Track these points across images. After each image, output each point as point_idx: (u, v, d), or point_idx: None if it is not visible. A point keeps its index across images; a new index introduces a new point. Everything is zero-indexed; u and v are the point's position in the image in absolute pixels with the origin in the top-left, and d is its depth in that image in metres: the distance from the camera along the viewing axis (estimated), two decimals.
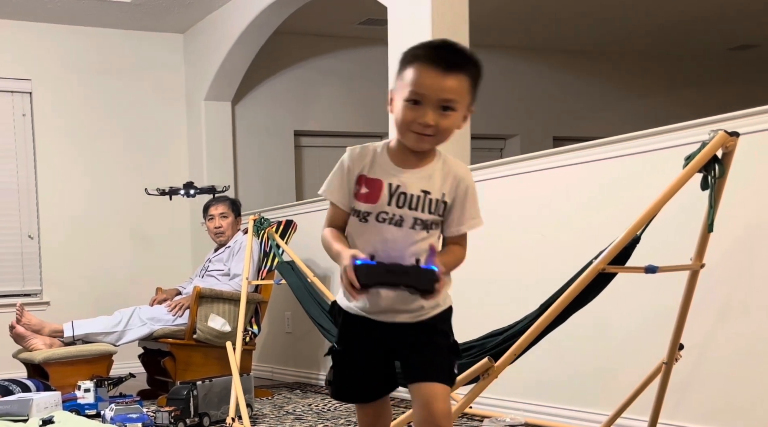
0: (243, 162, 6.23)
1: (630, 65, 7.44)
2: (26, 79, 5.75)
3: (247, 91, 6.24)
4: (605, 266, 2.24)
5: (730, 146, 2.17)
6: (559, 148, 3.35)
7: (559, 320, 2.30)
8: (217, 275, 4.65)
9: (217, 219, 4.77)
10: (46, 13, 5.58)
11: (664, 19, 6.45)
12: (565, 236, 3.30)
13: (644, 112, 7.40)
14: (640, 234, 2.20)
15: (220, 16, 5.72)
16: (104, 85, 5.96)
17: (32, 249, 5.79)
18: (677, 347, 2.48)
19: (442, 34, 3.93)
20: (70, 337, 4.35)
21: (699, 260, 2.33)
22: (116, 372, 4.40)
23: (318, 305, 3.52)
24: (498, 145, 7.22)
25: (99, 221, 5.90)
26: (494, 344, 2.41)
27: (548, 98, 7.22)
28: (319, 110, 6.53)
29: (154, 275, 5.69)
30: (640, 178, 2.99)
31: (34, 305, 5.60)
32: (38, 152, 5.78)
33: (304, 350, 5.08)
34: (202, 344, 4.35)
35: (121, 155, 6.00)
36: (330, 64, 6.55)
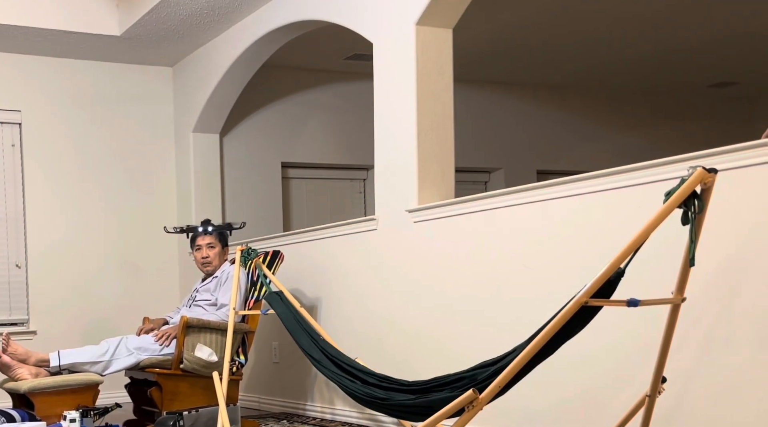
0: (231, 193, 6.27)
1: (612, 101, 7.57)
2: (16, 111, 5.80)
3: (235, 123, 6.30)
4: (588, 299, 2.27)
5: (709, 182, 2.22)
6: (543, 182, 3.41)
7: (546, 352, 2.33)
8: (205, 305, 4.67)
9: (204, 249, 4.79)
10: (36, 45, 5.63)
11: (645, 56, 6.58)
12: (549, 268, 3.36)
13: (626, 146, 7.53)
14: (624, 267, 2.25)
15: (208, 50, 5.79)
16: (93, 116, 6.00)
17: (19, 278, 5.79)
18: (660, 379, 2.52)
19: (426, 69, 4.03)
20: (57, 366, 4.32)
21: (680, 294, 2.38)
22: (102, 402, 4.39)
23: (308, 335, 3.54)
24: (482, 178, 7.30)
25: (86, 250, 5.91)
26: (486, 375, 2.42)
27: (532, 132, 7.32)
28: (306, 143, 6.60)
29: (141, 304, 5.72)
30: (622, 212, 3.06)
31: (21, 334, 5.59)
32: (27, 182, 5.81)
33: (292, 380, 5.10)
34: (189, 374, 4.36)
35: (110, 185, 6.03)
36: (316, 98, 6.63)
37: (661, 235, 2.38)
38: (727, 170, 2.65)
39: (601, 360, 3.13)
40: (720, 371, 2.73)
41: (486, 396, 2.33)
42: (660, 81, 7.34)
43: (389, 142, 4.18)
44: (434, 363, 3.85)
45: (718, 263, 2.72)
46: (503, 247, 3.58)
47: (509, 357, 2.46)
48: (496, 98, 7.20)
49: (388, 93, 4.18)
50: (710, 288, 2.74)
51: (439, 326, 3.92)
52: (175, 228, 5.10)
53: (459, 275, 3.80)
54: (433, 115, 4.04)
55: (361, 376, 3.06)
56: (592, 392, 3.18)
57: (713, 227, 2.67)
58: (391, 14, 4.14)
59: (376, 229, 4.30)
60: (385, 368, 3.59)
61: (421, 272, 4.02)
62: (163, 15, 5.21)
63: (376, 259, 4.32)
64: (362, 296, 4.44)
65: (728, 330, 2.71)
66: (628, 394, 2.93)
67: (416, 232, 4.04)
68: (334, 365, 3.26)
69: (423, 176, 4.01)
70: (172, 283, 6.15)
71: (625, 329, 3.01)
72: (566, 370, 3.22)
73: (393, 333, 4.21)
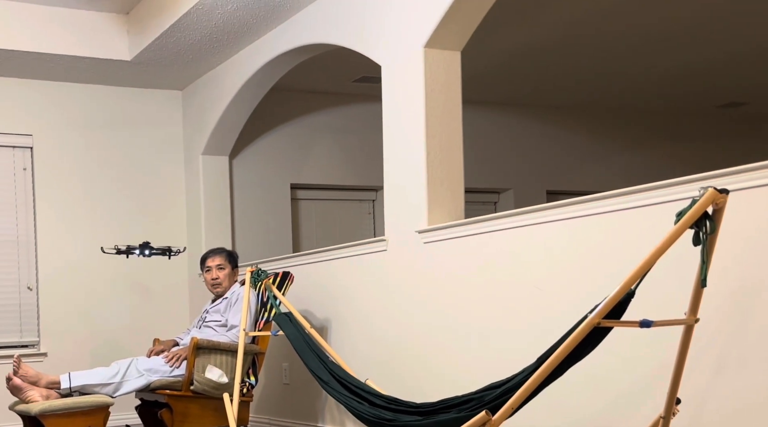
0: (240, 214, 6.29)
1: (621, 121, 7.59)
2: (27, 135, 5.84)
3: (244, 145, 6.34)
4: (600, 320, 2.27)
5: (720, 203, 2.22)
6: (554, 203, 3.41)
7: (557, 374, 2.32)
8: (215, 326, 4.68)
9: (214, 270, 4.80)
10: (47, 70, 5.68)
11: (654, 77, 6.59)
12: (560, 289, 3.36)
13: (635, 167, 7.54)
14: (635, 288, 2.24)
15: (217, 73, 5.83)
16: (104, 140, 6.04)
17: (30, 300, 5.81)
18: (674, 401, 2.50)
19: (435, 91, 4.04)
20: (67, 388, 4.33)
21: (693, 315, 2.38)
22: (113, 424, 4.39)
23: (317, 356, 3.54)
24: (492, 198, 7.31)
25: (97, 272, 5.93)
26: (493, 397, 2.42)
27: (542, 153, 7.33)
28: (315, 164, 6.62)
29: (151, 326, 5.74)
30: (633, 232, 3.05)
31: (32, 356, 5.60)
32: (38, 205, 5.84)
33: (302, 401, 5.09)
34: (200, 396, 4.35)
35: (120, 208, 6.05)
36: (325, 120, 6.66)
37: (672, 255, 2.38)
38: (739, 191, 2.65)
39: (614, 381, 3.12)
40: (734, 393, 2.72)
41: (499, 418, 2.32)
42: (669, 102, 7.35)
43: (399, 164, 4.19)
44: (444, 385, 3.84)
45: (730, 283, 2.72)
46: (513, 268, 3.58)
47: (517, 378, 2.45)
48: (505, 119, 7.22)
49: (397, 115, 4.20)
50: (723, 308, 2.73)
51: (449, 348, 3.91)
52: (114, 247, 5.15)
53: (469, 296, 3.80)
54: (442, 136, 4.05)
55: (369, 397, 3.06)
56: (605, 414, 3.16)
57: (725, 248, 2.67)
58: (399, 37, 4.16)
59: (386, 250, 4.31)
60: (394, 389, 3.59)
61: (431, 292, 4.02)
62: (172, 40, 5.26)
63: (386, 280, 4.32)
64: (372, 317, 4.44)
65: (742, 351, 2.70)
66: (642, 416, 2.91)
67: (426, 253, 4.04)
68: (342, 386, 3.25)
69: (433, 197, 4.02)
70: (181, 304, 6.16)
71: (637, 350, 3.00)
72: (578, 391, 3.21)
73: (402, 354, 4.20)
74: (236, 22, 5.03)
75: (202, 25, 5.04)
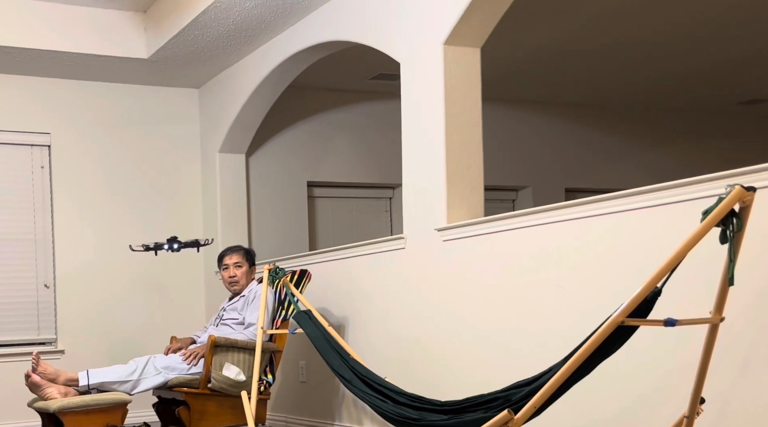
0: (257, 212, 6.29)
1: (641, 118, 7.53)
2: (45, 133, 5.86)
3: (261, 143, 6.33)
4: (624, 318, 2.25)
5: (747, 201, 2.19)
6: (576, 201, 3.38)
7: (582, 373, 2.30)
8: (232, 324, 4.67)
9: (231, 268, 4.80)
10: (65, 69, 5.70)
11: (675, 73, 6.55)
12: (582, 288, 3.32)
13: (654, 164, 7.48)
14: (661, 287, 2.22)
15: (234, 71, 5.83)
16: (121, 138, 6.05)
17: (48, 298, 5.83)
18: (698, 400, 2.47)
19: (454, 88, 4.02)
20: (85, 386, 4.34)
21: (719, 314, 2.35)
22: (131, 421, 4.40)
23: (338, 354, 3.53)
24: (510, 196, 7.28)
25: (114, 270, 5.95)
26: (520, 396, 2.40)
27: (560, 150, 7.29)
28: (332, 162, 6.61)
29: (169, 323, 5.75)
30: (657, 230, 3.02)
31: (49, 353, 5.62)
32: (56, 203, 5.86)
33: (319, 399, 5.08)
34: (217, 394, 4.35)
35: (137, 206, 6.07)
36: (342, 118, 6.65)
37: (698, 253, 2.34)
38: (766, 188, 2.61)
39: (638, 380, 3.09)
40: (759, 392, 2.68)
41: (521, 417, 2.30)
42: (689, 99, 7.30)
43: (417, 161, 4.17)
44: (463, 385, 3.82)
45: (757, 282, 2.68)
46: (535, 266, 3.55)
47: (544, 377, 2.43)
48: (524, 117, 7.19)
49: (416, 112, 4.17)
50: (749, 307, 2.70)
51: (469, 346, 3.89)
52: (142, 245, 5.17)
53: (489, 294, 3.77)
54: (462, 133, 4.03)
55: (393, 395, 3.05)
56: (629, 413, 3.13)
57: (751, 246, 2.63)
58: (418, 34, 4.14)
59: (405, 248, 4.28)
60: (413, 388, 3.56)
61: (450, 291, 3.99)
62: (190, 38, 5.25)
63: (404, 278, 4.30)
64: (390, 315, 4.42)
65: (767, 350, 2.66)
66: (666, 415, 2.88)
67: (445, 250, 4.01)
68: (365, 384, 3.24)
69: (452, 195, 4.00)
70: (198, 302, 6.16)
71: (662, 349, 2.97)
72: (602, 390, 3.18)
73: (421, 353, 4.18)
74: (254, 19, 5.02)
75: (220, 22, 5.04)
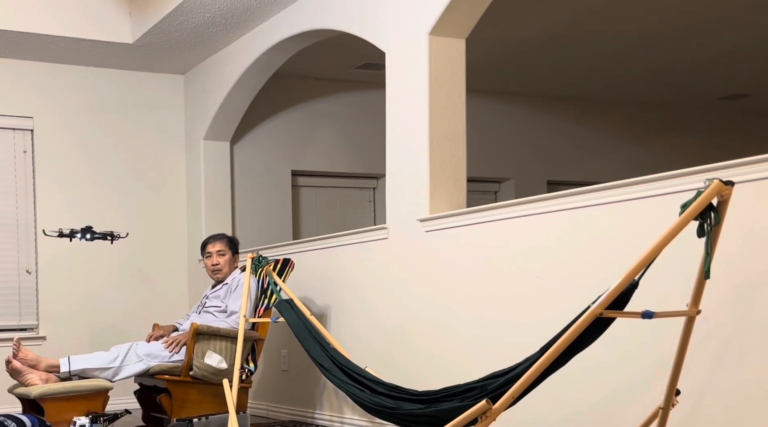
0: (241, 201, 6.28)
1: (624, 112, 7.57)
2: (28, 117, 5.82)
3: (246, 131, 6.32)
4: (602, 310, 2.26)
5: (726, 195, 2.21)
6: (557, 193, 3.40)
7: (559, 364, 2.32)
8: (215, 312, 4.68)
9: (214, 256, 4.80)
10: (49, 52, 5.66)
11: (657, 68, 6.57)
12: (562, 279, 3.35)
13: (636, 158, 7.53)
14: (638, 279, 2.24)
15: (220, 58, 5.81)
16: (105, 123, 6.02)
17: (30, 284, 5.81)
18: (674, 392, 2.50)
19: (439, 78, 4.03)
20: (67, 372, 4.34)
21: (695, 307, 2.37)
22: (112, 408, 4.39)
23: (318, 343, 3.54)
24: (492, 188, 7.30)
25: (97, 256, 5.92)
26: (496, 385, 2.42)
27: (543, 143, 7.32)
28: (317, 151, 6.61)
29: (151, 311, 5.74)
30: (637, 223, 3.05)
31: (31, 339, 5.60)
32: (38, 188, 5.83)
33: (301, 388, 5.09)
34: (199, 381, 4.35)
35: (120, 192, 6.04)
36: (327, 107, 6.64)
37: (676, 247, 2.37)
38: (744, 183, 2.64)
39: (615, 372, 3.12)
40: (734, 385, 2.72)
41: (499, 407, 2.32)
42: (671, 93, 7.34)
43: (401, 151, 4.18)
44: (444, 374, 3.84)
45: (733, 275, 2.71)
46: (515, 257, 3.57)
47: (520, 367, 2.45)
48: (507, 109, 7.20)
49: (401, 102, 4.18)
50: (725, 301, 2.73)
51: (450, 337, 3.91)
52: (54, 231, 5.11)
53: (470, 284, 3.80)
54: (446, 124, 4.04)
55: (371, 385, 3.06)
56: (605, 404, 3.17)
57: (729, 240, 2.66)
58: (404, 24, 4.14)
59: (387, 238, 4.30)
60: (395, 378, 3.57)
61: (432, 281, 4.01)
62: (175, 23, 5.23)
63: (387, 268, 4.31)
64: (372, 305, 4.44)
65: (743, 344, 2.70)
66: (641, 406, 2.91)
67: (427, 241, 4.03)
68: (344, 373, 3.25)
69: (435, 186, 4.01)
70: (181, 290, 6.16)
71: (638, 341, 3.00)
72: (579, 382, 3.21)
73: (403, 343, 4.20)
74: (239, 6, 5.01)
75: (206, 8, 5.02)
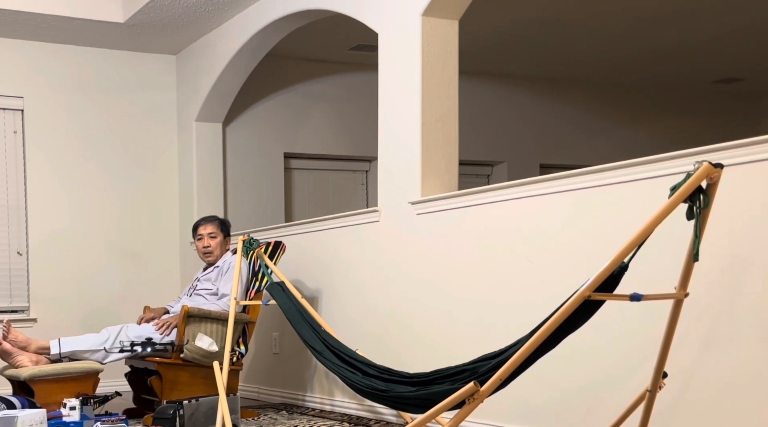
0: (233, 183, 6.27)
1: (616, 95, 7.55)
2: (18, 97, 5.78)
3: (238, 113, 6.29)
4: (591, 293, 2.26)
5: (715, 177, 2.21)
6: (548, 176, 3.39)
7: (548, 346, 2.32)
8: (206, 295, 4.67)
9: (206, 239, 4.79)
10: (39, 31, 5.62)
11: (651, 51, 6.56)
12: (553, 262, 3.35)
13: (629, 141, 7.52)
14: (628, 262, 2.23)
15: (212, 38, 5.78)
16: (96, 104, 5.99)
17: (20, 265, 5.79)
18: (661, 375, 2.51)
19: (431, 60, 4.01)
20: (57, 354, 4.33)
21: (683, 290, 2.37)
22: (102, 390, 4.40)
23: (310, 326, 3.53)
24: (485, 171, 7.29)
25: (88, 238, 5.91)
26: (487, 368, 2.41)
27: (535, 126, 7.30)
28: (309, 133, 6.59)
29: (142, 293, 5.73)
30: (627, 206, 3.04)
31: (21, 321, 5.60)
32: (29, 169, 5.80)
33: (291, 370, 5.10)
34: (189, 364, 4.35)
35: (112, 174, 6.02)
36: (320, 89, 6.61)
37: (666, 230, 2.36)
38: (734, 166, 2.63)
39: (603, 355, 3.13)
40: (721, 368, 2.72)
41: (487, 389, 2.32)
42: (665, 76, 7.32)
43: (393, 134, 4.16)
44: (435, 357, 3.85)
45: (721, 258, 2.71)
46: (506, 240, 3.57)
47: (511, 350, 2.44)
48: (500, 91, 7.18)
49: (393, 84, 4.16)
50: (713, 284, 2.73)
51: (441, 319, 3.91)
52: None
53: (461, 267, 3.79)
54: (438, 106, 4.02)
55: (362, 367, 3.06)
56: (593, 387, 3.17)
57: (718, 223, 2.66)
58: (397, 4, 4.11)
59: (379, 221, 4.29)
60: (386, 361, 3.59)
61: (423, 264, 4.01)
62: (167, 2, 5.19)
63: (378, 251, 4.31)
64: (363, 288, 4.43)
65: (730, 326, 2.70)
66: (629, 389, 2.92)
67: (419, 224, 4.02)
68: (336, 356, 3.25)
69: (426, 168, 4.00)
70: (173, 272, 6.15)
71: (627, 323, 3.01)
72: (568, 364, 3.22)
73: (394, 326, 4.20)
74: None
75: None
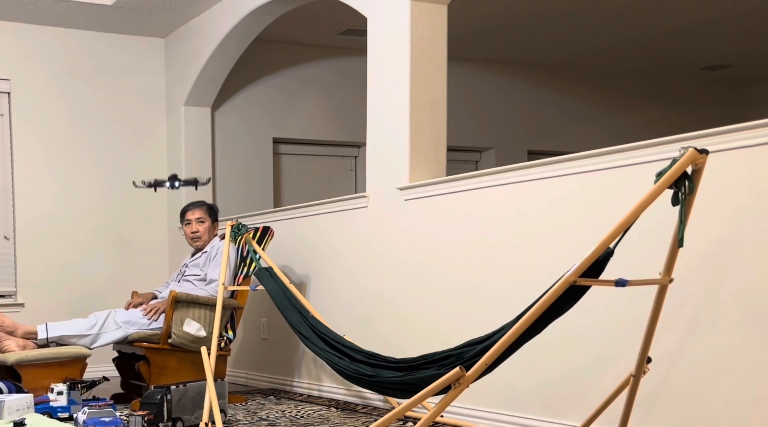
0: (221, 168, 6.25)
1: (605, 82, 7.56)
2: (5, 79, 5.74)
3: (227, 97, 6.27)
4: (577, 278, 2.26)
5: (700, 163, 2.21)
6: (535, 162, 3.40)
7: (534, 331, 2.33)
8: (194, 280, 4.66)
9: (194, 224, 4.78)
10: (27, 13, 5.57)
11: (638, 37, 6.56)
12: (539, 247, 3.36)
13: (617, 127, 7.53)
14: (614, 247, 2.24)
15: (201, 21, 5.74)
16: (84, 87, 5.95)
17: (7, 250, 5.77)
18: (645, 360, 2.52)
19: (420, 45, 4.00)
20: (44, 339, 4.32)
21: (668, 275, 2.38)
22: (90, 375, 4.40)
23: (297, 311, 3.54)
24: (473, 157, 7.29)
25: (75, 223, 5.89)
26: (472, 353, 2.42)
27: (524, 112, 7.31)
28: (298, 118, 6.57)
29: (130, 278, 5.72)
30: (613, 192, 3.05)
31: (9, 306, 5.58)
32: (15, 153, 5.76)
33: (279, 356, 5.10)
34: (177, 349, 4.35)
35: (100, 158, 5.99)
36: (310, 73, 6.59)
37: (651, 215, 2.37)
38: (719, 152, 2.64)
39: (588, 340, 3.14)
40: (705, 352, 2.74)
41: (472, 374, 2.33)
42: (653, 63, 7.33)
43: (382, 119, 4.16)
44: (423, 342, 3.86)
45: (706, 244, 2.73)
46: (493, 226, 3.57)
47: (496, 335, 2.46)
48: (489, 77, 7.18)
49: (382, 69, 4.15)
50: (698, 269, 2.75)
51: (430, 305, 3.92)
52: (143, 182, 5.06)
53: (449, 253, 3.80)
54: (427, 92, 4.02)
55: (349, 353, 3.07)
56: (578, 371, 3.19)
57: (703, 208, 2.67)
58: None
59: (367, 206, 4.29)
60: (374, 345, 3.59)
61: (411, 249, 4.01)
62: None
63: (367, 236, 4.31)
64: (352, 273, 4.44)
65: (714, 312, 2.72)
66: (614, 374, 2.94)
67: (407, 210, 4.03)
68: (323, 341, 3.26)
69: (415, 154, 4.00)
70: (161, 257, 6.13)
71: (612, 309, 3.02)
72: (553, 349, 3.23)
73: (382, 311, 4.21)
74: None
75: None
